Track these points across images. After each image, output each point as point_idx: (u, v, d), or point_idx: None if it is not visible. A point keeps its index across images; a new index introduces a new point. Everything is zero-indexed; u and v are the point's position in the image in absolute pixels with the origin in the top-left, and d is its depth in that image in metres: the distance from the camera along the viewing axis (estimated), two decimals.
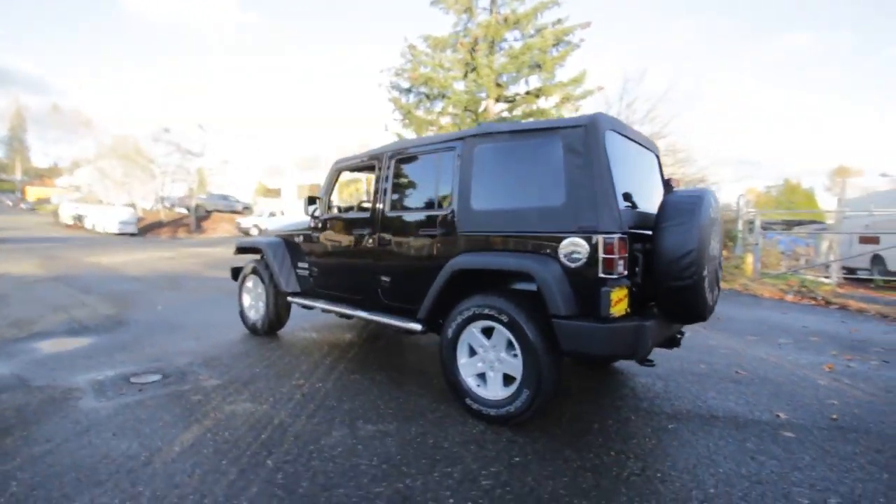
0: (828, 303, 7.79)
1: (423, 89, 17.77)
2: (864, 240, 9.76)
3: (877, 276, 9.52)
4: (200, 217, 28.00)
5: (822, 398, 3.27)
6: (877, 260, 9.97)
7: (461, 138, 3.03)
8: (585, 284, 2.37)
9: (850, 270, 10.12)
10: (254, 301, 4.70)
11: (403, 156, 3.41)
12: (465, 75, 17.11)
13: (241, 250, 4.92)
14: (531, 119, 17.24)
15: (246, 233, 23.99)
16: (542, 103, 17.86)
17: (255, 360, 3.76)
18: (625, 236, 2.36)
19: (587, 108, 19.39)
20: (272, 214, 25.70)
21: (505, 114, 18.46)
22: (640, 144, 3.11)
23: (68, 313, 5.37)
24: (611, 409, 2.98)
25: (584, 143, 2.49)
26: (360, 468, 2.16)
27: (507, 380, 2.68)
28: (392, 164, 3.43)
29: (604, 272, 2.33)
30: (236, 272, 4.96)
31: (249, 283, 4.72)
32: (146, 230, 25.31)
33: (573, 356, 2.59)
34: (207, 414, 2.71)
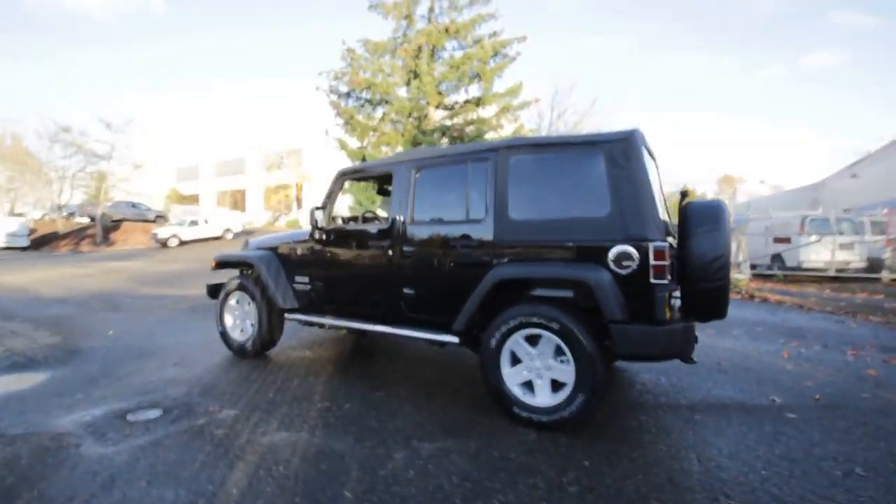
0: (751, 296, 8.81)
1: (364, 94, 17.49)
2: (778, 240, 11.18)
3: (777, 272, 11.06)
4: (108, 227, 25.14)
5: (798, 381, 3.72)
6: (776, 258, 11.60)
7: (495, 149, 3.07)
8: (637, 290, 2.51)
9: (752, 266, 11.63)
10: (239, 320, 4.34)
11: (427, 165, 3.36)
12: (408, 82, 17.12)
13: (223, 265, 4.52)
14: (472, 126, 17.67)
15: (164, 244, 21.94)
16: (482, 112, 18.37)
17: (262, 385, 3.49)
18: (670, 244, 2.54)
19: (525, 118, 20.24)
20: (194, 223, 23.75)
21: (446, 121, 18.73)
22: (652, 156, 3.35)
23: (1, 344, 4.58)
24: (637, 406, 3.16)
25: (626, 155, 2.65)
26: (445, 489, 2.11)
27: (554, 386, 2.74)
28: (415, 174, 3.38)
29: (655, 278, 2.49)
30: (215, 289, 4.55)
31: (233, 301, 4.35)
32: (40, 243, 22.23)
33: (629, 359, 2.71)
34: (245, 448, 2.47)
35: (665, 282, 2.49)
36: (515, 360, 2.86)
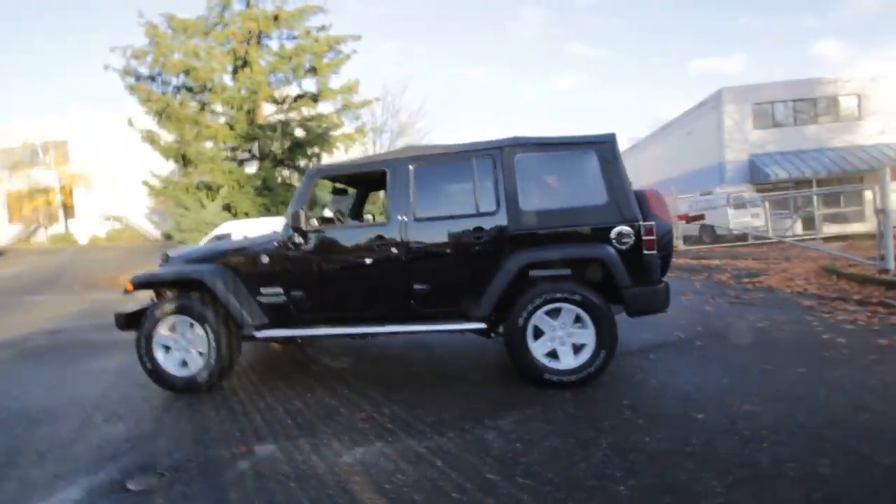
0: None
1: (185, 81, 14.96)
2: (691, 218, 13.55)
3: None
4: None
5: (676, 321, 5.02)
6: (705, 228, 15.15)
7: (498, 147, 3.34)
8: (635, 260, 3.16)
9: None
10: (179, 351, 3.59)
11: (426, 163, 3.41)
12: (235, 70, 15.33)
13: (145, 286, 3.63)
14: (313, 122, 16.91)
15: None
16: (321, 109, 17.73)
17: (268, 417, 3.05)
18: None
19: (363, 117, 20.22)
20: None
21: (279, 116, 17.47)
22: None
23: None
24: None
25: (613, 153, 3.28)
26: (560, 448, 2.38)
27: (575, 349, 3.23)
28: (413, 171, 3.39)
29: (647, 250, 3.18)
30: (130, 319, 3.65)
31: (164, 330, 3.57)
32: None
33: (635, 315, 3.32)
34: (339, 473, 2.26)
35: (654, 252, 3.21)
36: (538, 334, 3.24)
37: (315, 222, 3.66)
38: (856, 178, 18.28)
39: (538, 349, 3.22)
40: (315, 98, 17.25)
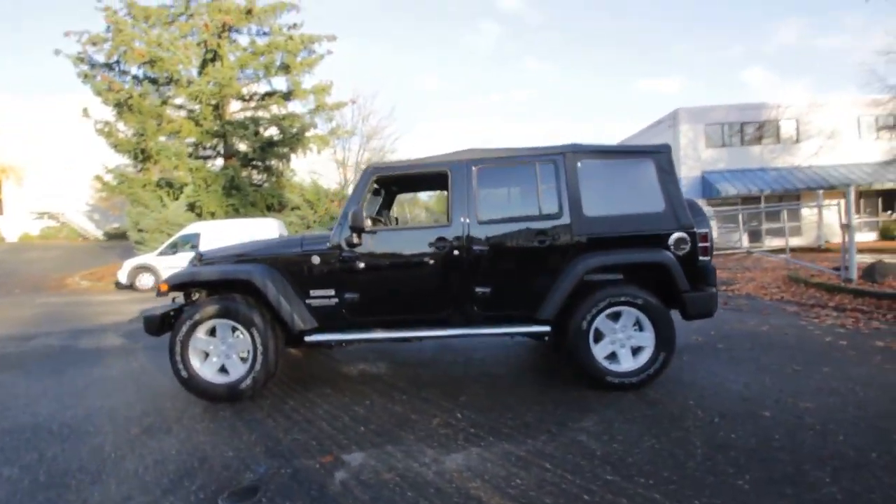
0: None
1: (148, 72, 14.01)
2: None
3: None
4: None
5: (688, 325, 5.28)
6: None
7: (561, 153, 3.39)
8: (691, 266, 3.31)
9: None
10: (218, 357, 3.34)
11: (488, 165, 3.40)
12: (204, 64, 14.56)
13: (181, 287, 3.35)
14: (283, 121, 16.36)
15: None
16: (293, 108, 17.23)
17: (336, 425, 2.90)
18: None
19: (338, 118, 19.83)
20: None
21: (249, 112, 16.81)
22: None
23: None
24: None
25: (669, 163, 3.42)
26: (652, 443, 2.43)
27: (633, 352, 3.32)
28: (475, 173, 3.37)
29: (702, 255, 3.33)
30: (162, 322, 3.35)
31: (202, 334, 3.32)
32: None
33: (691, 318, 3.43)
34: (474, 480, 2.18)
35: (708, 258, 3.37)
36: (598, 338, 3.30)
37: (369, 223, 3.53)
38: (793, 196, 20.06)
39: (599, 351, 3.27)
40: (287, 97, 16.74)
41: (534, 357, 4.36)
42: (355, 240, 3.33)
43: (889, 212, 20.93)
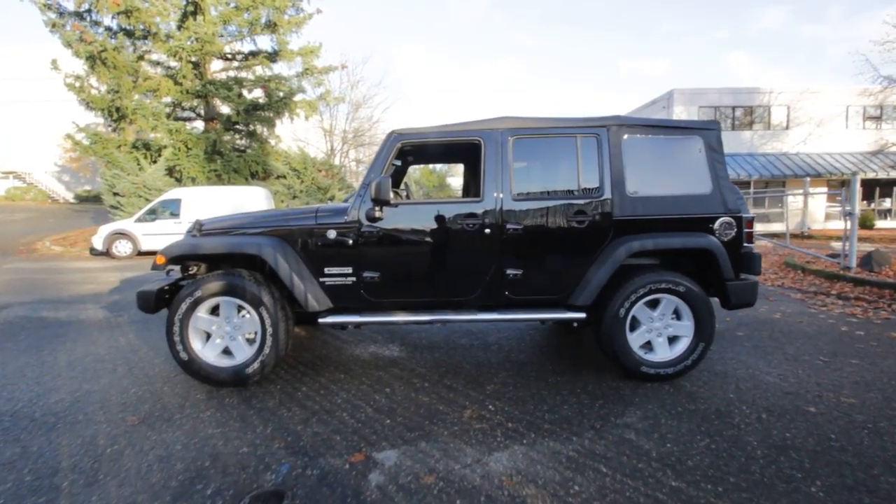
0: None
1: (122, 24, 12.93)
2: None
3: None
4: None
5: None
6: None
7: (604, 126, 3.10)
8: (735, 253, 3.11)
9: None
10: (222, 338, 3.03)
11: (525, 136, 3.09)
12: (184, 18, 13.53)
13: (180, 260, 2.99)
14: (269, 83, 15.51)
15: None
16: (279, 69, 16.34)
17: (360, 417, 2.65)
18: None
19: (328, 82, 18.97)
20: None
21: (231, 73, 15.87)
22: None
23: None
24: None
25: (718, 141, 3.18)
26: (694, 436, 2.27)
27: (669, 341, 3.14)
28: (511, 144, 3.06)
29: (746, 242, 3.14)
30: (159, 298, 3.01)
31: (203, 313, 2.99)
32: None
33: (733, 308, 3.25)
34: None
35: (753, 245, 3.17)
36: (634, 326, 3.11)
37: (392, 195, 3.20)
38: (779, 183, 20.28)
39: (635, 341, 3.09)
40: (272, 57, 15.83)
41: (549, 340, 4.17)
42: (377, 213, 3.01)
43: (866, 202, 21.41)
